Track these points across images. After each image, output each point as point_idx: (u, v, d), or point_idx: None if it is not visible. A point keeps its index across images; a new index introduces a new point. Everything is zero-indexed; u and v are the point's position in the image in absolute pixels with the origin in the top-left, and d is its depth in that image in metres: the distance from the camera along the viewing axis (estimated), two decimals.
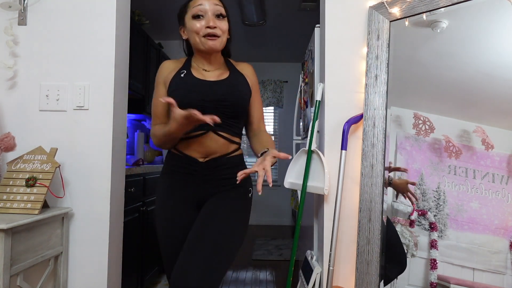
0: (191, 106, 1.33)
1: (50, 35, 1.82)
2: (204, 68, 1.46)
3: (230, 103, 1.39)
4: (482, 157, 1.49)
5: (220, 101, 1.38)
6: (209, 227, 1.33)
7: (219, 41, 1.39)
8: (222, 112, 1.38)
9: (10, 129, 1.80)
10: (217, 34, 1.38)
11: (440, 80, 1.60)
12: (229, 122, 1.42)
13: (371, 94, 1.72)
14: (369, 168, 1.69)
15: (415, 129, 1.64)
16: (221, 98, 1.39)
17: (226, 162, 1.43)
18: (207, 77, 1.44)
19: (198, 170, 1.41)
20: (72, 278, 1.77)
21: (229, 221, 1.37)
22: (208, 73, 1.46)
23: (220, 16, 1.39)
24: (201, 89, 1.39)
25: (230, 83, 1.43)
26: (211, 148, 1.40)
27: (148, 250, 2.78)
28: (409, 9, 1.67)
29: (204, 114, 1.30)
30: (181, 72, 1.44)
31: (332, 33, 1.84)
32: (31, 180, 1.62)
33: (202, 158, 1.41)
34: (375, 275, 1.63)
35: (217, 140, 1.40)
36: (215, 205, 1.39)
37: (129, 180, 2.37)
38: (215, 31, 1.37)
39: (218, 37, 1.38)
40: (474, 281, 1.46)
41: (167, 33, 4.75)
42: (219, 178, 1.42)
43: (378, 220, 1.65)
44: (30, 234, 1.51)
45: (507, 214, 1.42)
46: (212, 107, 1.37)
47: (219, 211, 1.38)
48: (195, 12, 1.38)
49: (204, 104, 1.37)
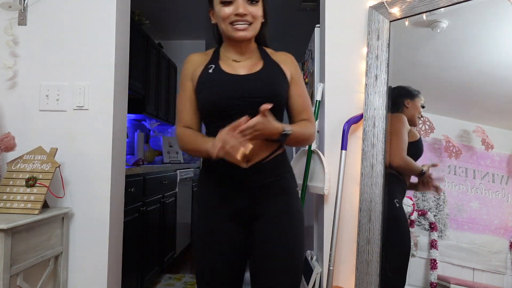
0: (221, 105, 1.23)
1: (50, 35, 1.82)
2: (234, 59, 1.30)
3: (263, 99, 1.19)
4: (482, 157, 1.49)
5: (252, 98, 1.22)
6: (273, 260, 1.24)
7: (250, 29, 1.23)
8: (255, 109, 1.19)
9: (10, 129, 1.80)
10: (248, 21, 1.22)
11: (440, 80, 1.60)
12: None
13: (371, 94, 1.72)
14: (369, 168, 1.69)
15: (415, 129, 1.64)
16: (253, 94, 1.22)
17: (271, 164, 1.27)
18: (237, 70, 1.28)
19: (241, 177, 1.25)
20: (72, 278, 1.77)
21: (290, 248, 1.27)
22: (239, 64, 1.30)
23: (252, 1, 1.22)
24: (230, 86, 1.24)
25: (263, 76, 1.26)
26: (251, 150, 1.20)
27: (148, 250, 2.78)
28: (409, 9, 1.67)
29: (235, 113, 1.20)
30: (209, 67, 1.29)
31: (332, 33, 1.84)
32: (31, 180, 1.62)
33: (245, 163, 1.23)
34: (375, 275, 1.63)
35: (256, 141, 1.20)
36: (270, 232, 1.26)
37: (129, 180, 2.37)
38: (246, 18, 1.21)
39: (249, 24, 1.22)
40: (474, 281, 1.46)
41: (167, 33, 4.75)
42: (266, 183, 1.27)
43: (378, 220, 1.65)
44: (30, 234, 1.51)
45: (507, 214, 1.42)
46: (243, 104, 1.22)
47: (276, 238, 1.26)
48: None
49: (235, 102, 1.22)
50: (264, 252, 1.26)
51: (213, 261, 1.29)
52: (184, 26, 4.52)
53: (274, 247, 1.25)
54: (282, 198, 1.29)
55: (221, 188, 1.28)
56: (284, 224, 1.27)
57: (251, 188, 1.26)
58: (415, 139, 1.65)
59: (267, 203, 1.27)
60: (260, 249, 1.26)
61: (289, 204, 1.30)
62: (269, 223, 1.26)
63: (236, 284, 1.33)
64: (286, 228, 1.27)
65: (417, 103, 1.65)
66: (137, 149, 3.77)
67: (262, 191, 1.27)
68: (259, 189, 1.27)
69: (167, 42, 4.77)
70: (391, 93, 1.71)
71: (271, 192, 1.27)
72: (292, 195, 1.32)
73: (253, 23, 1.23)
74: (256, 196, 1.27)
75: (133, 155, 3.77)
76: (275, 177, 1.28)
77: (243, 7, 1.20)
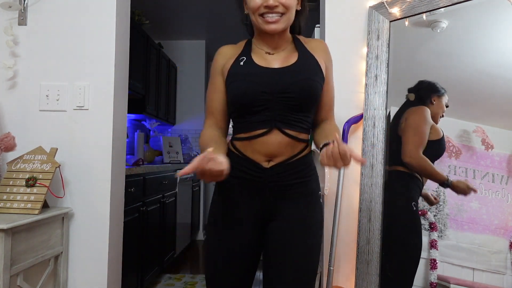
0: (251, 99, 1.16)
1: (50, 35, 1.82)
2: (268, 51, 1.23)
3: (296, 95, 1.14)
4: (482, 157, 1.49)
5: (284, 93, 1.15)
6: (287, 262, 1.17)
7: (282, 21, 1.15)
8: (288, 105, 1.15)
9: (10, 129, 1.80)
10: (279, 12, 1.13)
11: (439, 80, 1.60)
12: (297, 117, 1.17)
13: (371, 94, 1.72)
14: (369, 168, 1.69)
15: None
16: (285, 90, 1.15)
17: (295, 165, 1.20)
18: (271, 63, 1.20)
19: (263, 177, 1.18)
20: (72, 278, 1.77)
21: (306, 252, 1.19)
22: (272, 56, 1.22)
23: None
24: (262, 80, 1.16)
25: (297, 70, 1.18)
26: (276, 149, 1.17)
27: (148, 250, 2.78)
28: (409, 9, 1.67)
29: (267, 108, 1.15)
30: (240, 59, 1.21)
31: (332, 33, 1.84)
32: (31, 180, 1.62)
33: (266, 161, 1.18)
34: (375, 275, 1.63)
35: (282, 139, 1.17)
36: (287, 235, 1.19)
37: (129, 180, 2.37)
38: (277, 9, 1.12)
39: (281, 16, 1.14)
40: (474, 281, 1.46)
41: (167, 33, 4.75)
42: (287, 185, 1.19)
43: (378, 220, 1.65)
44: (30, 234, 1.51)
45: (507, 214, 1.43)
46: (275, 100, 1.15)
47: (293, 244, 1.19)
48: None
49: (266, 97, 1.15)
50: (278, 257, 1.19)
51: (225, 265, 1.22)
52: (184, 26, 4.52)
53: (289, 254, 1.18)
54: (303, 202, 1.21)
55: (240, 188, 1.21)
56: (302, 231, 1.19)
57: (271, 188, 1.19)
58: (438, 138, 1.58)
59: (287, 205, 1.20)
60: (275, 254, 1.20)
61: (310, 210, 1.22)
62: (287, 227, 1.19)
63: (247, 285, 1.28)
64: (303, 236, 1.19)
65: (443, 102, 1.59)
66: (137, 149, 3.77)
67: (282, 192, 1.20)
68: (279, 190, 1.19)
69: (167, 42, 4.77)
70: (418, 86, 1.64)
71: (292, 194, 1.20)
72: (314, 199, 1.24)
73: (285, 13, 1.14)
74: (276, 197, 1.20)
75: (133, 155, 3.77)
76: (297, 179, 1.20)
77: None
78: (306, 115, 1.20)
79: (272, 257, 1.19)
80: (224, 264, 1.22)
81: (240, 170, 1.19)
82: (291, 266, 1.17)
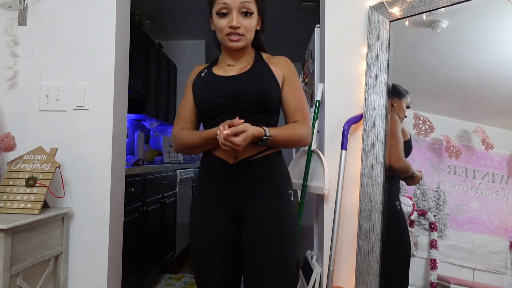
0: (210, 104, 1.31)
1: (50, 35, 1.82)
2: (229, 64, 1.39)
3: (250, 97, 1.29)
4: (482, 157, 1.49)
5: (240, 96, 1.29)
6: (263, 262, 1.27)
7: (242, 40, 1.32)
8: (244, 108, 1.29)
9: (10, 129, 1.80)
10: (240, 33, 1.30)
11: (440, 80, 1.60)
12: (255, 118, 1.29)
13: (371, 94, 1.72)
14: (369, 168, 1.69)
15: (415, 129, 1.64)
16: (240, 93, 1.29)
17: (259, 162, 1.30)
18: (228, 72, 1.36)
19: (228, 173, 1.30)
20: (72, 278, 1.77)
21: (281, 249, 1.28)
22: (231, 67, 1.38)
23: (246, 14, 1.30)
24: (218, 86, 1.32)
25: (251, 75, 1.33)
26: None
27: (148, 250, 2.78)
28: (409, 9, 1.67)
29: (227, 111, 1.29)
30: (202, 72, 1.40)
31: (332, 33, 1.84)
32: (31, 180, 1.62)
33: (232, 159, 1.30)
34: (375, 275, 1.63)
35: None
36: (260, 235, 1.28)
37: (129, 180, 2.37)
38: (238, 31, 1.30)
39: (242, 35, 1.31)
40: (474, 281, 1.46)
41: (167, 33, 4.75)
42: (253, 182, 1.30)
43: (378, 220, 1.65)
44: (30, 234, 1.51)
45: (507, 214, 1.42)
46: (232, 103, 1.29)
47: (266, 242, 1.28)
48: (219, 9, 1.31)
49: (223, 101, 1.30)
50: (253, 256, 1.28)
51: (209, 257, 1.32)
52: (184, 26, 4.52)
53: (264, 252, 1.27)
54: (273, 200, 1.30)
55: (213, 184, 1.33)
56: (274, 228, 1.28)
57: (239, 185, 1.30)
58: (407, 139, 1.66)
59: (257, 203, 1.30)
60: (250, 253, 1.29)
61: (280, 207, 1.31)
62: (259, 225, 1.29)
63: (234, 279, 1.35)
64: (277, 232, 1.28)
65: (403, 104, 1.66)
66: (137, 149, 3.77)
67: (249, 189, 1.30)
68: (247, 187, 1.30)
69: (167, 42, 4.78)
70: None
71: (261, 192, 1.30)
72: (284, 197, 1.33)
73: (245, 34, 1.32)
74: (245, 194, 1.30)
75: (133, 155, 3.77)
76: (263, 177, 1.30)
77: (237, 20, 1.29)
78: (267, 116, 1.33)
79: (248, 259, 1.29)
80: (204, 252, 1.32)
81: (211, 168, 1.34)
82: (267, 266, 1.26)
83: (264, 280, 1.25)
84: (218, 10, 1.31)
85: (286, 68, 1.38)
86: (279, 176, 1.33)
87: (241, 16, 1.30)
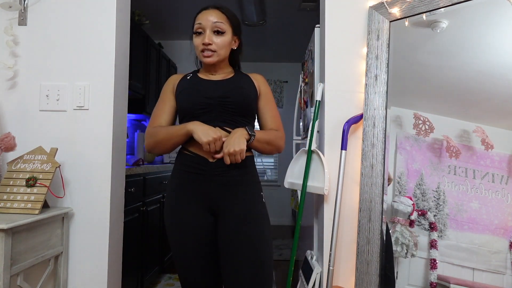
0: (195, 103, 1.42)
1: (50, 35, 1.82)
2: (211, 73, 1.54)
3: (233, 100, 1.43)
4: (482, 157, 1.49)
5: (224, 98, 1.43)
6: (239, 256, 1.37)
7: (214, 56, 1.46)
8: (227, 109, 1.43)
9: (10, 129, 1.80)
10: (212, 50, 1.44)
11: (440, 80, 1.60)
12: (236, 119, 1.44)
13: (371, 94, 1.72)
14: (369, 168, 1.69)
15: (415, 129, 1.64)
16: (224, 95, 1.43)
17: (236, 163, 1.39)
18: (213, 78, 1.51)
19: (207, 170, 1.40)
20: (72, 278, 1.77)
21: (257, 245, 1.39)
22: (214, 75, 1.52)
23: (218, 32, 1.45)
24: (205, 87, 1.46)
25: (235, 81, 1.49)
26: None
27: (148, 250, 2.78)
28: (409, 9, 1.67)
29: (210, 110, 1.41)
30: (187, 76, 1.53)
31: (332, 33, 1.84)
32: (31, 180, 1.62)
33: (212, 157, 1.41)
34: (375, 275, 1.63)
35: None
36: (236, 231, 1.39)
37: (129, 180, 2.37)
38: (210, 47, 1.44)
39: (214, 52, 1.45)
40: (474, 281, 1.46)
41: (167, 33, 4.75)
42: (228, 179, 1.41)
43: (378, 220, 1.65)
44: (30, 234, 1.51)
45: (507, 214, 1.43)
46: (216, 104, 1.42)
47: (242, 237, 1.38)
48: (195, 29, 1.47)
49: (208, 102, 1.42)
50: (228, 253, 1.38)
51: (188, 248, 1.40)
52: (184, 26, 4.52)
53: (237, 249, 1.37)
54: (246, 200, 1.42)
55: (190, 181, 1.42)
56: (246, 226, 1.39)
57: (215, 182, 1.40)
58: None
59: (231, 201, 1.41)
60: (224, 250, 1.39)
61: (253, 206, 1.42)
62: (233, 223, 1.39)
63: (215, 273, 1.43)
64: (248, 231, 1.38)
65: None
66: (137, 149, 3.77)
67: (225, 186, 1.41)
68: (223, 185, 1.40)
69: (167, 42, 4.78)
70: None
71: (235, 191, 1.41)
72: (257, 197, 1.44)
73: (217, 51, 1.45)
74: (220, 192, 1.40)
75: (133, 155, 3.77)
76: (239, 177, 1.42)
77: (209, 37, 1.44)
78: (245, 119, 1.46)
79: (223, 257, 1.39)
80: (182, 245, 1.41)
81: (190, 166, 1.42)
82: (242, 264, 1.36)
83: (240, 276, 1.35)
84: (195, 30, 1.47)
85: (262, 83, 1.55)
86: (252, 178, 1.46)
87: (213, 34, 1.45)
